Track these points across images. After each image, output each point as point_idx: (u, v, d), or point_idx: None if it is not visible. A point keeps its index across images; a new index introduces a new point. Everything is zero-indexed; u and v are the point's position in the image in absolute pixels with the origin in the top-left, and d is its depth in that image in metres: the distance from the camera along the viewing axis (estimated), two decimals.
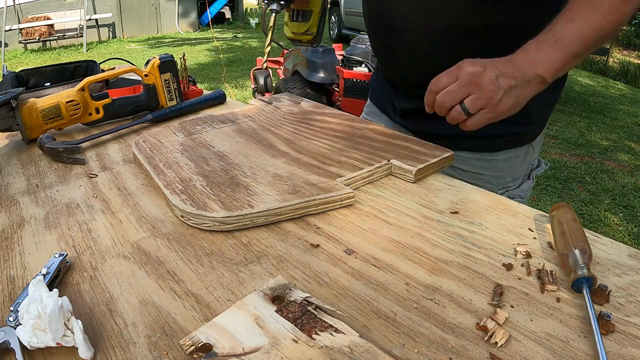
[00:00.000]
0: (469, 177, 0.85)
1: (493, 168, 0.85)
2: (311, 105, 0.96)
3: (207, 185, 0.62)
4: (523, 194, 0.89)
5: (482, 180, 0.86)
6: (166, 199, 0.61)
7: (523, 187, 0.88)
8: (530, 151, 0.87)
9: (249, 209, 0.56)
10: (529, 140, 0.85)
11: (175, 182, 0.63)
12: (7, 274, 0.49)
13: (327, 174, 0.65)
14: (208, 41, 8.55)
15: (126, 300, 0.44)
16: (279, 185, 0.61)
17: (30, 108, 0.84)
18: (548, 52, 0.62)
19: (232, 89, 5.18)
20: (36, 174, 0.74)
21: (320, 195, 0.59)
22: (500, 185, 0.87)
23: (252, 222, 0.56)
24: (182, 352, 0.37)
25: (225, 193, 0.60)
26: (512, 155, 0.85)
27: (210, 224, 0.55)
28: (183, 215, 0.57)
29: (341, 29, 8.10)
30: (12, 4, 7.74)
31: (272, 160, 0.70)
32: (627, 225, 2.44)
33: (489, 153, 0.84)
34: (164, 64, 0.97)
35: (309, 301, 0.41)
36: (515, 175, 0.87)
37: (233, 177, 0.64)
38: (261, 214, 0.56)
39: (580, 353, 0.37)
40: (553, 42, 0.62)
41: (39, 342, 0.37)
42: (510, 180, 0.87)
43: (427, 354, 0.37)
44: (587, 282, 0.42)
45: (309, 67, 3.23)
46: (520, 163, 0.87)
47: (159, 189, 0.64)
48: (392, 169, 0.69)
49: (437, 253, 0.50)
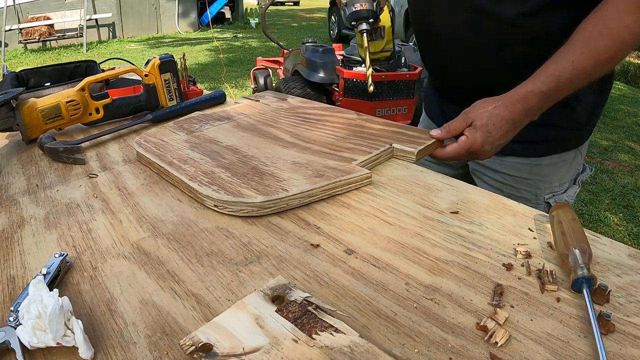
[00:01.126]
0: (516, 182, 0.86)
1: (540, 173, 0.85)
2: (298, 101, 0.99)
3: (231, 175, 0.64)
4: (570, 199, 0.88)
5: (530, 185, 0.86)
6: (192, 192, 0.62)
7: (569, 193, 0.88)
8: (577, 156, 0.86)
9: (284, 192, 0.59)
10: (576, 145, 0.85)
11: (199, 175, 0.64)
12: (7, 274, 0.49)
13: (342, 158, 0.68)
14: (208, 41, 8.55)
15: (126, 300, 0.44)
16: (302, 171, 0.64)
17: (30, 108, 0.84)
18: (534, 102, 0.67)
19: (232, 89, 5.18)
20: (36, 174, 0.74)
21: (345, 176, 0.63)
22: (547, 189, 0.86)
23: (288, 205, 0.59)
24: (182, 352, 0.37)
25: (255, 181, 0.62)
26: (559, 160, 0.84)
27: (248, 209, 0.58)
28: (217, 205, 0.59)
29: (341, 29, 8.10)
30: (12, 4, 7.74)
31: (285, 150, 0.72)
32: (627, 225, 2.44)
33: (537, 158, 0.84)
34: (164, 64, 0.97)
35: (309, 301, 0.41)
36: (562, 180, 0.87)
37: (254, 167, 0.67)
38: (295, 197, 0.59)
39: (580, 353, 0.37)
40: (555, 91, 0.66)
41: (39, 342, 0.37)
42: (557, 185, 0.87)
43: (427, 354, 0.37)
44: (587, 282, 0.42)
45: (309, 67, 3.23)
46: (568, 168, 0.86)
47: (181, 184, 0.65)
48: (394, 152, 0.73)
49: (437, 253, 0.50)
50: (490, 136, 0.69)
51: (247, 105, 0.97)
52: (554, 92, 0.66)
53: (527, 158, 0.84)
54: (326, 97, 3.26)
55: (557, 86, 0.65)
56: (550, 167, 0.85)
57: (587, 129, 0.85)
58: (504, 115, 0.68)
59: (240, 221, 0.57)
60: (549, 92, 0.66)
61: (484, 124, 0.68)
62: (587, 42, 0.64)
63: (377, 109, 2.86)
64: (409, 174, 0.69)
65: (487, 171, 0.89)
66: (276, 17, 14.13)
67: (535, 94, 0.66)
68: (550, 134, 0.80)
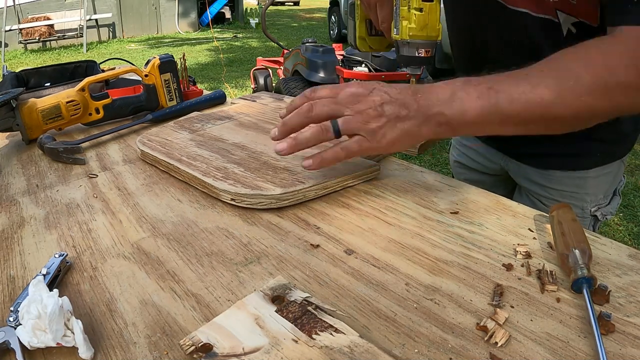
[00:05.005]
0: (562, 196, 0.83)
1: (586, 186, 0.82)
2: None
3: (245, 170, 0.64)
4: (613, 211, 0.86)
5: (576, 198, 0.83)
6: (206, 187, 0.63)
7: (613, 204, 0.86)
8: (621, 166, 0.84)
9: (302, 184, 0.60)
10: (620, 156, 0.83)
11: (212, 170, 0.65)
12: (7, 274, 0.49)
13: None
14: (208, 41, 8.55)
15: (126, 300, 0.44)
16: None
17: (30, 108, 0.84)
18: (471, 95, 0.52)
19: (232, 89, 5.18)
20: (36, 174, 0.74)
21: (355, 169, 0.64)
22: (593, 202, 0.84)
23: (305, 197, 0.60)
24: (182, 352, 0.37)
25: (269, 175, 0.63)
26: (603, 172, 0.82)
27: (266, 202, 0.58)
28: (234, 199, 0.59)
29: (341, 28, 8.10)
30: (12, 4, 7.74)
31: None
32: (627, 225, 2.44)
33: (583, 171, 0.81)
34: (164, 64, 0.97)
35: (309, 301, 0.41)
36: (607, 192, 0.85)
37: (266, 162, 0.67)
38: (312, 189, 0.60)
39: (580, 353, 0.37)
40: (485, 89, 0.52)
41: (39, 342, 0.37)
42: (602, 197, 0.84)
43: (427, 354, 0.37)
44: (587, 282, 0.42)
45: (309, 67, 3.23)
46: (612, 179, 0.84)
47: (193, 180, 0.65)
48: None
49: (437, 253, 0.50)
50: (377, 88, 0.54)
51: (245, 105, 0.97)
52: (485, 88, 0.52)
53: (573, 171, 0.81)
54: None
55: (492, 85, 0.52)
56: (596, 179, 0.82)
57: (631, 139, 0.82)
58: (402, 85, 0.56)
59: (240, 221, 0.57)
60: (479, 84, 0.52)
61: (368, 82, 0.56)
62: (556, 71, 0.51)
63: None
64: (409, 174, 0.69)
65: (532, 185, 0.87)
66: (276, 17, 14.13)
67: (462, 78, 0.54)
68: (597, 147, 0.77)
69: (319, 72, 3.17)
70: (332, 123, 0.54)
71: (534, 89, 0.50)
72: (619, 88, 0.49)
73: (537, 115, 0.51)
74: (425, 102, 0.53)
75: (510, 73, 0.53)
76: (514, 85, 0.51)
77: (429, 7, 0.67)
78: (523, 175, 0.88)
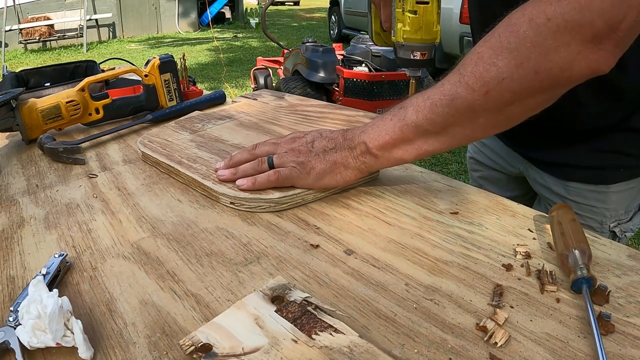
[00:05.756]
0: (581, 209, 0.80)
1: (607, 200, 0.79)
2: (296, 99, 1.00)
3: None
4: (634, 228, 0.83)
5: (595, 213, 0.81)
6: (206, 191, 0.63)
7: (635, 221, 0.83)
8: None
9: (300, 188, 0.60)
10: None
11: (212, 173, 0.65)
12: (7, 274, 0.49)
13: None
14: (208, 41, 8.55)
15: (126, 300, 0.44)
16: None
17: (30, 108, 0.84)
18: (386, 119, 0.56)
19: (232, 89, 5.18)
20: (36, 174, 0.74)
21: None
22: (613, 218, 0.81)
23: (303, 200, 0.60)
24: (182, 352, 0.37)
25: None
26: (626, 188, 0.79)
27: (265, 205, 0.59)
28: (233, 202, 0.60)
29: (341, 28, 8.10)
30: (12, 4, 7.74)
31: None
32: None
33: (604, 185, 0.78)
34: (164, 64, 0.97)
35: (309, 301, 0.41)
36: (629, 208, 0.82)
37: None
38: (310, 192, 0.60)
39: (580, 353, 0.37)
40: (397, 109, 0.55)
41: (38, 342, 0.37)
42: (622, 213, 0.81)
43: (427, 354, 0.37)
44: (587, 282, 0.42)
45: (309, 67, 3.23)
46: (636, 194, 0.81)
47: (193, 182, 0.65)
48: None
49: (437, 253, 0.50)
50: (312, 131, 0.62)
51: (246, 104, 0.97)
52: (397, 109, 0.55)
53: (594, 185, 0.79)
54: (326, 96, 3.26)
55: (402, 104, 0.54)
56: (617, 194, 0.79)
57: None
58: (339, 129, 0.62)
59: (240, 221, 0.57)
60: (394, 108, 0.55)
61: (308, 131, 0.63)
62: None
63: (377, 109, 2.87)
64: (409, 175, 0.69)
65: (552, 195, 0.85)
66: (276, 17, 14.13)
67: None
68: (620, 161, 0.75)
69: (319, 72, 3.17)
70: (267, 157, 0.62)
71: (437, 90, 0.51)
72: (523, 47, 0.45)
73: (446, 113, 0.50)
74: (350, 135, 0.59)
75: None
76: (421, 95, 0.53)
77: (424, 10, 0.67)
78: (542, 184, 0.86)
